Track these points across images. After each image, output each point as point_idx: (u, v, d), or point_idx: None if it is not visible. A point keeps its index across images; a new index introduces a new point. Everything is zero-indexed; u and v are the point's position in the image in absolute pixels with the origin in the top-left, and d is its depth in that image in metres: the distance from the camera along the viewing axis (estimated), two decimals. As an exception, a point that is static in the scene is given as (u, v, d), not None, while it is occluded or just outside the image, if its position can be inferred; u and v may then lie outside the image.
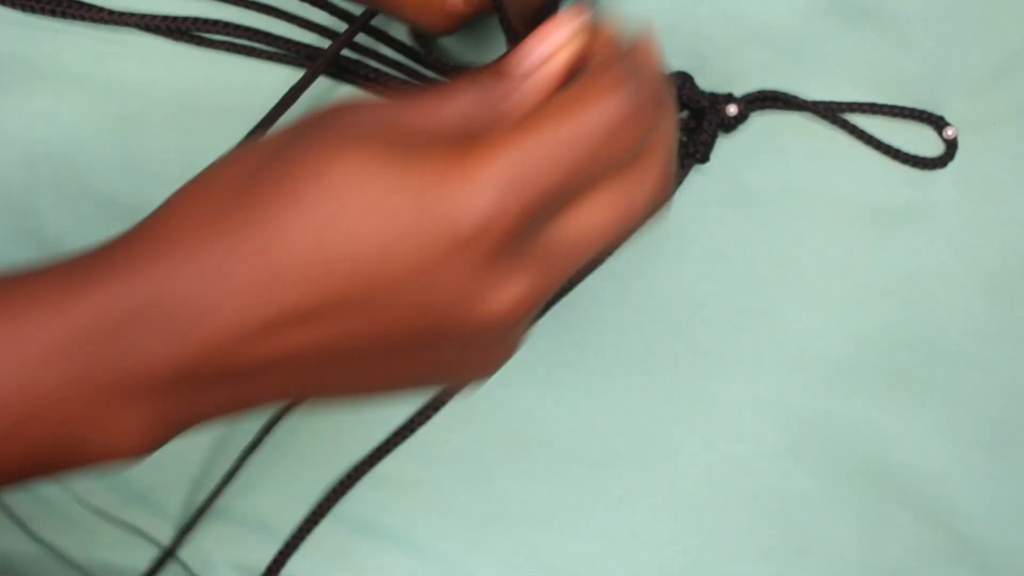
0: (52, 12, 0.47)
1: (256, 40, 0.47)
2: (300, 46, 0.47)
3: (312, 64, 0.46)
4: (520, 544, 0.48)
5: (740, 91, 0.47)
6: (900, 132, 0.48)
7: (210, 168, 0.34)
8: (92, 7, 0.47)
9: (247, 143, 0.34)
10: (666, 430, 0.48)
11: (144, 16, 0.46)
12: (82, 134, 0.47)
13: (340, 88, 0.48)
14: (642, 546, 0.48)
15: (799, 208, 0.47)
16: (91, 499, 0.47)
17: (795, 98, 0.47)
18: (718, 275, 0.48)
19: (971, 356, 0.47)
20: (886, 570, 0.48)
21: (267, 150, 0.33)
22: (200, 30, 0.47)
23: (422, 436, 0.48)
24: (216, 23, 0.47)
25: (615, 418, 0.48)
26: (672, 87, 0.44)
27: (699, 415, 0.48)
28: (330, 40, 0.47)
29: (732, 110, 0.46)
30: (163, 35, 0.47)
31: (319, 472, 0.48)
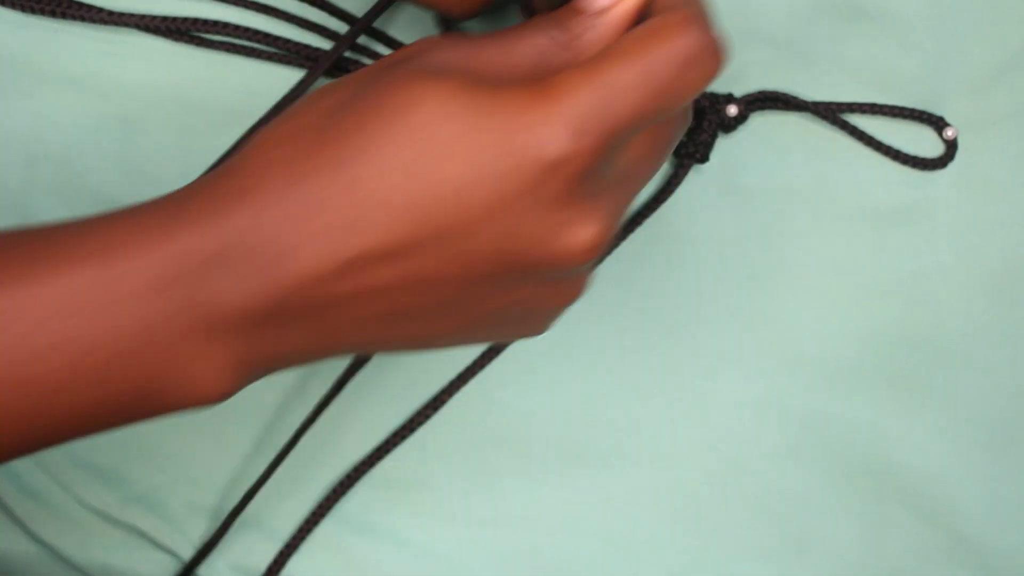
0: (52, 12, 0.47)
1: (256, 41, 0.47)
2: (300, 47, 0.47)
3: (312, 65, 0.46)
4: (520, 544, 0.48)
5: (740, 91, 0.47)
6: (900, 132, 0.48)
7: (295, 107, 0.34)
8: (92, 7, 0.47)
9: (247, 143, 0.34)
10: (666, 430, 0.48)
11: (144, 16, 0.46)
12: (82, 134, 0.47)
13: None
14: (642, 546, 0.48)
15: (799, 208, 0.47)
16: (91, 499, 0.47)
17: (795, 98, 0.47)
18: (718, 275, 0.48)
19: (971, 356, 0.48)
20: (886, 570, 0.48)
21: (350, 88, 0.34)
22: (200, 30, 0.47)
23: (422, 436, 0.48)
24: (216, 23, 0.47)
25: (615, 418, 0.48)
26: None
27: (699, 415, 0.48)
28: (330, 41, 0.47)
29: (732, 110, 0.46)
30: (163, 35, 0.47)
31: (319, 472, 0.48)
